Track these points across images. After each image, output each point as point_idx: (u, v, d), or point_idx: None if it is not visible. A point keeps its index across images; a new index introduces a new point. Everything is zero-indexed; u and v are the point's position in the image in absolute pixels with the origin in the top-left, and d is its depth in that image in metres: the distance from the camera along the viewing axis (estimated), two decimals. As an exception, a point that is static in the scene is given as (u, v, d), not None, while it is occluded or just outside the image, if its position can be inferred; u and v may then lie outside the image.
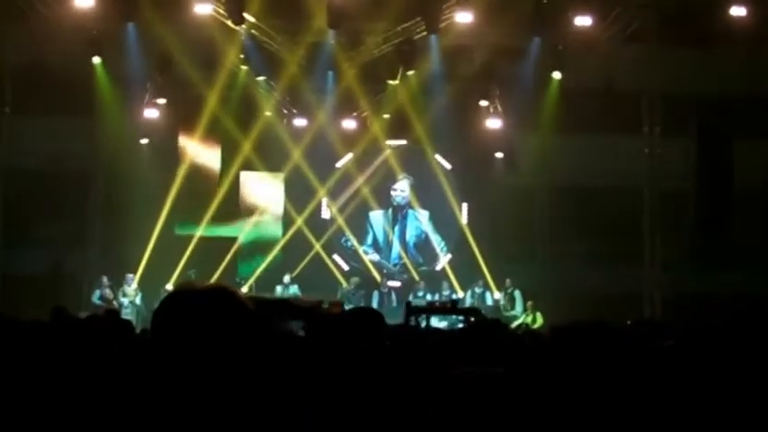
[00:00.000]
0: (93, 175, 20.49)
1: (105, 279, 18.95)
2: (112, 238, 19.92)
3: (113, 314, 11.34)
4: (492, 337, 5.88)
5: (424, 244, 21.68)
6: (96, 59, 19.41)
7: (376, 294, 20.20)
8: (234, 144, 20.60)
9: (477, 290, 19.88)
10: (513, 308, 19.33)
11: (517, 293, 19.53)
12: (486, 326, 6.40)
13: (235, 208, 21.27)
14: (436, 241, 21.62)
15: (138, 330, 7.58)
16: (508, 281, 19.75)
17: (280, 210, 21.62)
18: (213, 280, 18.02)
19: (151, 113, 20.14)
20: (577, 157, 20.04)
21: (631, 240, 20.08)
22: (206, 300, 2.14)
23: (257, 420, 2.13)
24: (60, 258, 19.62)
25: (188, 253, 20.03)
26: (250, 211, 21.51)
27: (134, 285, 19.14)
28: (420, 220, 21.75)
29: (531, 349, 4.98)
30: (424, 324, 16.69)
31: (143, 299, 18.87)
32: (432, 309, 13.27)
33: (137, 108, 20.09)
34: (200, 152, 20.93)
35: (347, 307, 16.83)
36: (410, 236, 21.77)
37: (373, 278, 21.04)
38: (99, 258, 19.80)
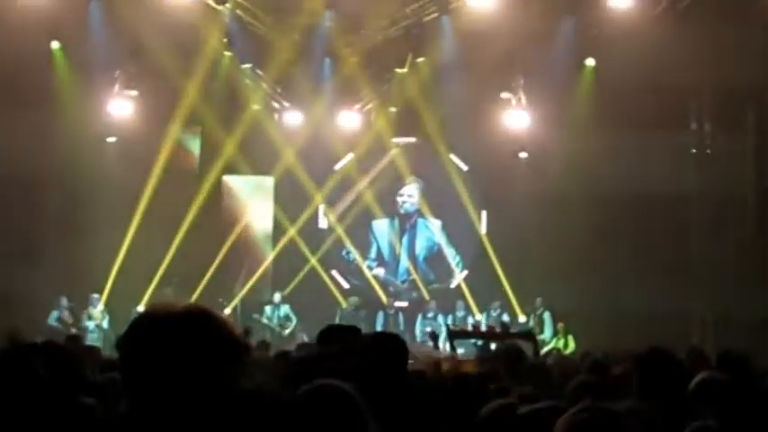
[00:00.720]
0: (50, 179, 20.37)
1: (65, 300, 18.98)
2: (73, 251, 19.86)
3: (76, 340, 11.43)
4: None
5: (436, 258, 21.78)
6: (55, 44, 19.42)
7: (380, 316, 20.28)
8: (216, 143, 20.67)
9: (494, 312, 19.96)
10: (542, 331, 19.33)
11: (547, 315, 19.62)
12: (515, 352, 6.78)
13: (217, 217, 21.35)
14: (450, 255, 21.72)
15: (105, 356, 7.74)
16: (538, 300, 19.83)
17: (269, 219, 21.69)
18: (192, 300, 17.66)
19: (119, 108, 20.14)
20: (614, 158, 20.16)
21: (678, 255, 20.24)
22: (182, 324, 2.11)
23: None
24: (8, 277, 19.28)
25: (163, 268, 20.02)
26: (235, 220, 21.56)
27: (100, 307, 19.21)
28: (431, 230, 21.83)
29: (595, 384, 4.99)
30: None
31: (111, 322, 18.91)
32: (479, 334, 13.07)
33: (102, 101, 20.11)
34: (177, 153, 20.95)
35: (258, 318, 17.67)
36: (420, 248, 21.88)
37: (377, 297, 21.15)
38: (56, 276, 19.66)
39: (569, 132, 20.25)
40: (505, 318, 19.77)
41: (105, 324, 19.01)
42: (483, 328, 18.57)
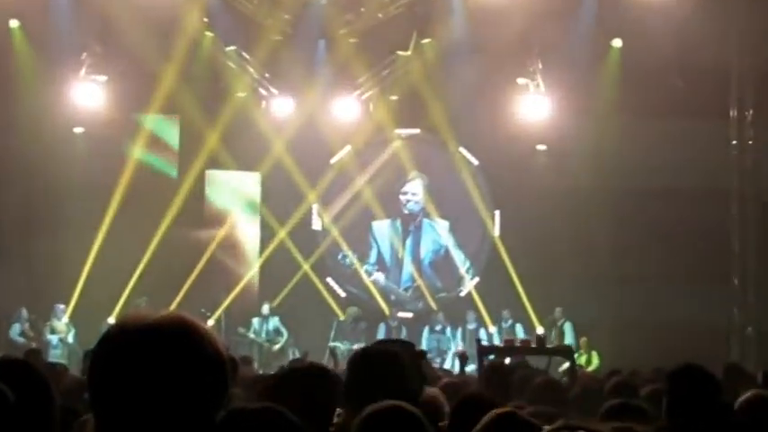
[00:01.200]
0: (8, 175, 20.29)
1: (25, 311, 18.95)
2: (35, 256, 19.95)
3: (36, 355, 11.33)
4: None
5: (443, 263, 21.85)
6: (13, 23, 19.45)
7: (382, 328, 20.30)
8: (197, 134, 20.70)
9: (505, 323, 19.98)
10: (563, 344, 19.05)
11: (568, 327, 19.68)
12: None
13: (198, 217, 21.44)
14: (459, 260, 21.78)
15: (71, 376, 7.62)
16: (558, 311, 19.85)
17: (256, 219, 21.79)
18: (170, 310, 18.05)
19: (87, 94, 20.04)
20: (645, 150, 20.11)
21: (715, 258, 20.18)
22: (158, 337, 2.12)
23: None
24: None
25: (138, 274, 20.07)
26: (218, 220, 21.68)
27: (65, 319, 19.18)
28: (438, 231, 21.89)
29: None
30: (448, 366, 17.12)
31: (77, 336, 18.87)
32: (512, 349, 13.04)
33: (68, 87, 20.02)
34: (153, 145, 21.08)
35: (344, 346, 17.71)
36: (426, 252, 21.93)
37: (378, 307, 21.23)
38: (15, 284, 19.61)
39: (593, 121, 20.32)
40: (520, 330, 19.71)
41: (71, 338, 18.94)
42: (496, 341, 18.86)
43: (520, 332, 19.56)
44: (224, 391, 2.14)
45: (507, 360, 11.87)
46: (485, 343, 16.43)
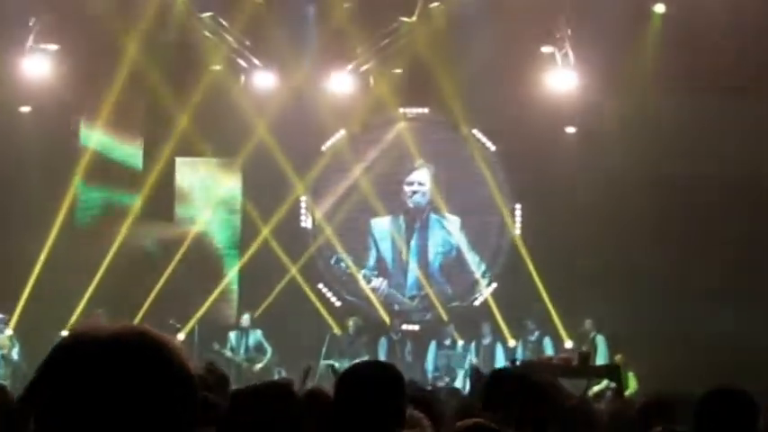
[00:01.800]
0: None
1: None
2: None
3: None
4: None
5: (454, 266, 21.91)
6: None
7: (383, 343, 20.31)
8: (165, 115, 20.73)
9: (532, 336, 19.96)
10: (594, 361, 18.44)
11: (600, 341, 19.62)
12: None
13: (167, 211, 21.59)
14: (473, 262, 21.82)
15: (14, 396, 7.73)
16: (588, 323, 19.73)
17: (236, 214, 21.89)
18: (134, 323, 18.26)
19: (35, 67, 19.98)
20: (692, 132, 20.15)
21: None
22: (117, 351, 2.15)
23: None
24: None
25: (96, 281, 20.14)
26: (190, 216, 21.77)
27: (8, 332, 19.09)
28: (448, 229, 21.91)
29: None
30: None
31: (22, 351, 18.79)
32: (550, 367, 12.77)
33: (12, 59, 19.98)
34: (114, 127, 21.09)
35: (340, 364, 17.93)
36: (434, 254, 21.93)
37: (379, 318, 21.26)
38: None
39: (632, 99, 20.38)
40: (548, 345, 19.85)
41: (15, 354, 18.83)
42: (518, 357, 18.65)
43: (548, 347, 19.81)
44: (191, 412, 2.16)
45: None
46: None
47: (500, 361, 19.44)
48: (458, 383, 18.58)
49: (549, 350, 19.61)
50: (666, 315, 20.05)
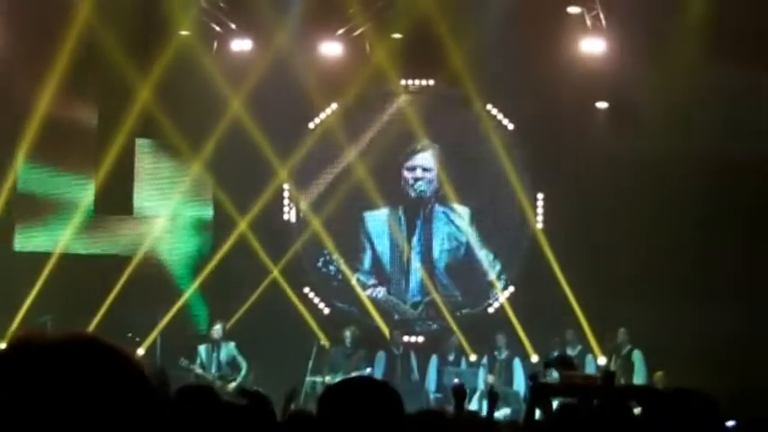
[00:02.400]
0: None
1: None
2: None
3: None
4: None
5: (463, 266, 21.87)
6: None
7: (381, 358, 20.16)
8: (124, 88, 20.55)
9: (572, 350, 19.59)
10: (629, 380, 19.16)
11: (637, 356, 19.54)
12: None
13: (125, 202, 21.38)
14: (487, 261, 21.75)
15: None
16: (622, 333, 19.70)
17: (207, 206, 21.91)
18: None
19: None
20: (746, 107, 20.16)
21: None
22: (65, 360, 2.18)
23: None
24: None
25: (40, 284, 20.02)
26: (153, 207, 21.64)
27: None
28: (457, 223, 21.88)
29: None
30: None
31: None
32: (577, 387, 12.65)
33: None
34: (63, 102, 20.78)
35: (333, 379, 18.08)
36: (440, 252, 21.92)
37: (376, 329, 21.18)
38: None
39: (670, 70, 20.37)
40: (591, 362, 19.76)
41: None
42: (544, 379, 18.53)
43: (590, 365, 19.82)
44: (148, 424, 2.21)
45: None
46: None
47: (519, 379, 19.45)
48: (473, 404, 18.40)
49: (591, 368, 19.67)
50: (720, 325, 19.86)
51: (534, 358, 20.21)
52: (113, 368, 2.21)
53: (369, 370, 19.04)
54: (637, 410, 12.93)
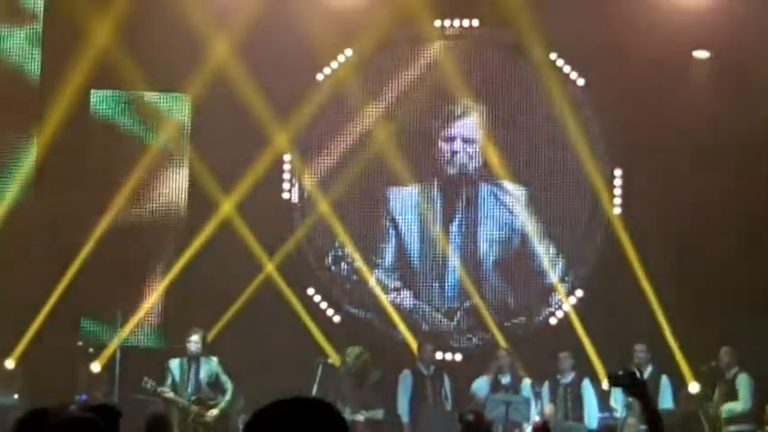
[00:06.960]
0: None
1: None
2: None
3: None
4: None
5: (517, 263, 20.91)
6: None
7: (407, 378, 18.98)
8: (77, 26, 19.76)
9: (646, 368, 18.54)
10: (732, 411, 18.37)
11: (743, 381, 18.27)
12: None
13: (75, 170, 20.36)
14: (547, 256, 20.76)
15: None
16: (726, 352, 18.40)
17: (182, 178, 20.95)
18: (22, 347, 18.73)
19: None
20: None
21: None
22: None
23: None
24: None
25: None
26: (112, 179, 20.55)
27: None
28: (510, 206, 20.90)
29: None
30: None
31: None
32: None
33: None
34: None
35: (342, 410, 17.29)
36: (486, 244, 20.82)
37: (401, 342, 20.47)
38: None
39: None
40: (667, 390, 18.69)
41: None
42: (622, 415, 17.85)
43: (666, 390, 18.56)
44: None
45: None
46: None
47: (590, 409, 18.15)
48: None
49: (668, 402, 18.52)
50: None
51: (605, 384, 18.47)
52: None
53: (381, 412, 17.46)
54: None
